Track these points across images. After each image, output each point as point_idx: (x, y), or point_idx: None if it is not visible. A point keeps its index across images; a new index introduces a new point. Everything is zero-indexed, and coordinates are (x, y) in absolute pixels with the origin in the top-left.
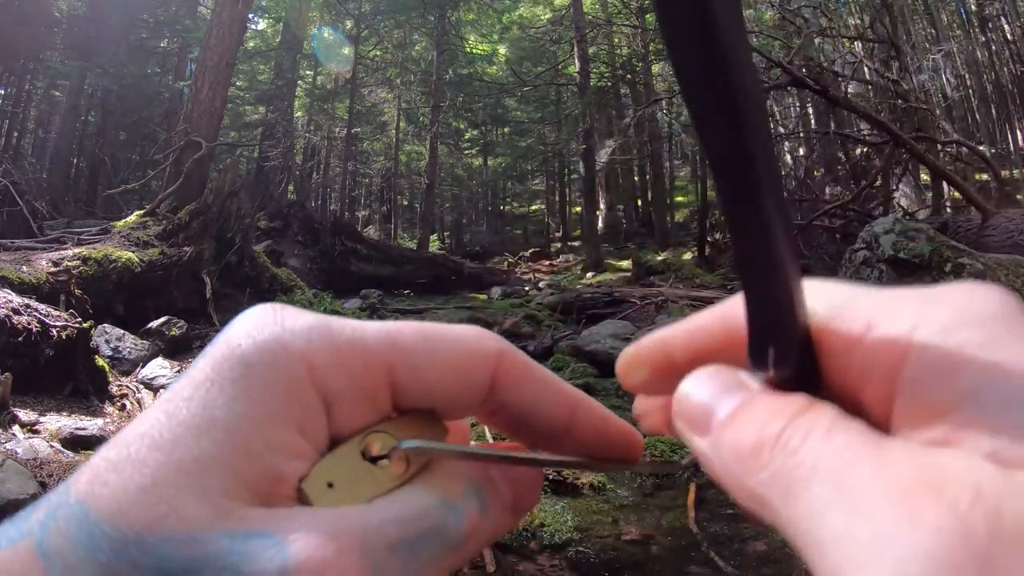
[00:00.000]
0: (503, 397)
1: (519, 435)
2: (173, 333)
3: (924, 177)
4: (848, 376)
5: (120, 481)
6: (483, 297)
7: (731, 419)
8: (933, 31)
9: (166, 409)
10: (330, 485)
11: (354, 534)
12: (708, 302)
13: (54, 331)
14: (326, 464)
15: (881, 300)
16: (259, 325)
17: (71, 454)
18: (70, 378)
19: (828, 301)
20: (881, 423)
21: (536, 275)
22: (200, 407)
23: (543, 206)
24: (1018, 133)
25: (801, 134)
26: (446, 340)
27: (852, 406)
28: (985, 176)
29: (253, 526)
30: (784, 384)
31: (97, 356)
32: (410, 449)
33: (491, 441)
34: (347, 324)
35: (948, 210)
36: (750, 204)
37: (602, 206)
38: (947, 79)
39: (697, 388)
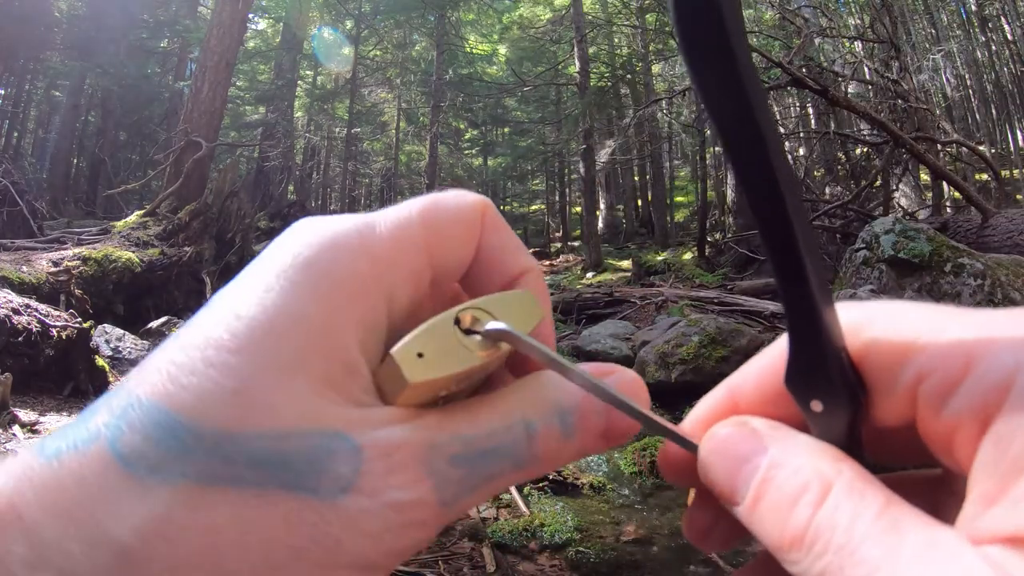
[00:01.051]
0: (480, 241)
1: (468, 283)
2: (173, 333)
3: (924, 177)
4: (928, 416)
5: (202, 383)
6: None
7: (755, 502)
8: (933, 31)
9: (234, 311)
10: (420, 355)
11: (420, 445)
12: (708, 302)
13: (54, 331)
14: (419, 334)
15: (973, 329)
16: (311, 232)
17: None
18: (70, 378)
19: (910, 328)
20: (952, 455)
21: None
22: (273, 309)
23: (543, 206)
24: (1018, 133)
25: (801, 134)
26: (452, 207)
27: (905, 432)
28: (985, 176)
29: (336, 426)
30: (824, 417)
31: (97, 356)
32: (497, 332)
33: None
34: (381, 216)
35: (948, 210)
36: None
37: (602, 206)
38: (947, 79)
39: (716, 455)
